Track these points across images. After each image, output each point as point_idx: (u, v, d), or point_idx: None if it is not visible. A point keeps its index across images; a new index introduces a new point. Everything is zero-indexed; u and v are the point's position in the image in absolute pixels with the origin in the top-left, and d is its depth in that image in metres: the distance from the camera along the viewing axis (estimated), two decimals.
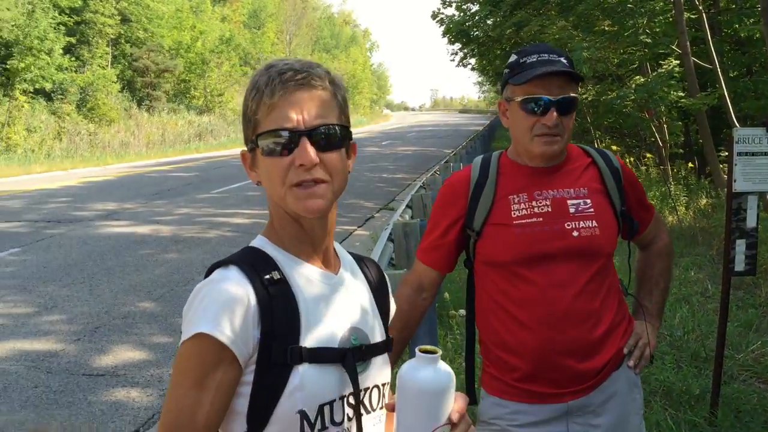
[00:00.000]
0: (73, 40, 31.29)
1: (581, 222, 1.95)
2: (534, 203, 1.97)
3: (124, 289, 7.26)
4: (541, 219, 1.95)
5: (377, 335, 1.33)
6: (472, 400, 2.00)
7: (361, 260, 1.42)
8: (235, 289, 1.18)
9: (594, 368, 1.93)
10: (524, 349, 1.93)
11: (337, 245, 1.37)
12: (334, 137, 1.23)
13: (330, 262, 1.32)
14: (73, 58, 31.02)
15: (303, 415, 1.19)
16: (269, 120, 1.21)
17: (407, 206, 8.10)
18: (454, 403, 1.19)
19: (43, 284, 7.45)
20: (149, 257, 8.78)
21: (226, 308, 1.16)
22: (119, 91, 33.79)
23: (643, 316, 2.10)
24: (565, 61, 1.94)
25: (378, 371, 1.31)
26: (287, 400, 1.18)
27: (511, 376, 1.97)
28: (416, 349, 1.18)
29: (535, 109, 1.92)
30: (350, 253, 1.41)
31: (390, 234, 5.85)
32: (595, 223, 1.95)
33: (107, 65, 34.07)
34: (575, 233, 1.94)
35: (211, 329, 1.15)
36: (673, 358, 4.78)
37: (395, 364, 2.02)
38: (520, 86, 1.93)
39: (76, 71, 30.98)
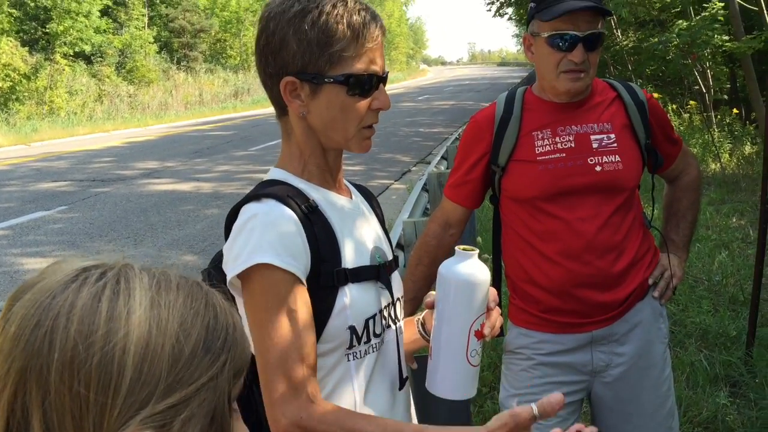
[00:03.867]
0: (109, 2, 31.45)
1: (604, 157, 1.95)
2: (557, 139, 1.98)
3: (168, 244, 7.47)
4: (564, 155, 1.96)
5: (390, 253, 1.42)
6: (500, 332, 2.06)
7: (360, 188, 1.49)
8: (284, 219, 1.21)
9: (618, 299, 1.97)
10: (548, 282, 1.97)
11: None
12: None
13: (343, 190, 1.39)
14: (110, 20, 31.25)
15: (353, 330, 1.26)
16: (361, 62, 1.24)
17: (442, 157, 8.10)
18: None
19: (90, 240, 7.70)
20: (191, 213, 8.99)
21: (283, 237, 1.20)
22: (157, 53, 34.01)
23: (668, 248, 2.11)
24: None
25: (398, 285, 1.41)
26: (337, 319, 1.24)
27: (537, 308, 2.01)
28: (455, 248, 1.25)
29: (562, 45, 1.90)
30: (349, 182, 1.48)
31: (425, 184, 5.88)
32: (618, 158, 1.96)
33: (144, 27, 34.25)
34: (598, 168, 1.95)
35: (277, 260, 1.18)
36: (710, 302, 4.76)
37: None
38: (547, 22, 1.91)
39: (113, 33, 31.23)
